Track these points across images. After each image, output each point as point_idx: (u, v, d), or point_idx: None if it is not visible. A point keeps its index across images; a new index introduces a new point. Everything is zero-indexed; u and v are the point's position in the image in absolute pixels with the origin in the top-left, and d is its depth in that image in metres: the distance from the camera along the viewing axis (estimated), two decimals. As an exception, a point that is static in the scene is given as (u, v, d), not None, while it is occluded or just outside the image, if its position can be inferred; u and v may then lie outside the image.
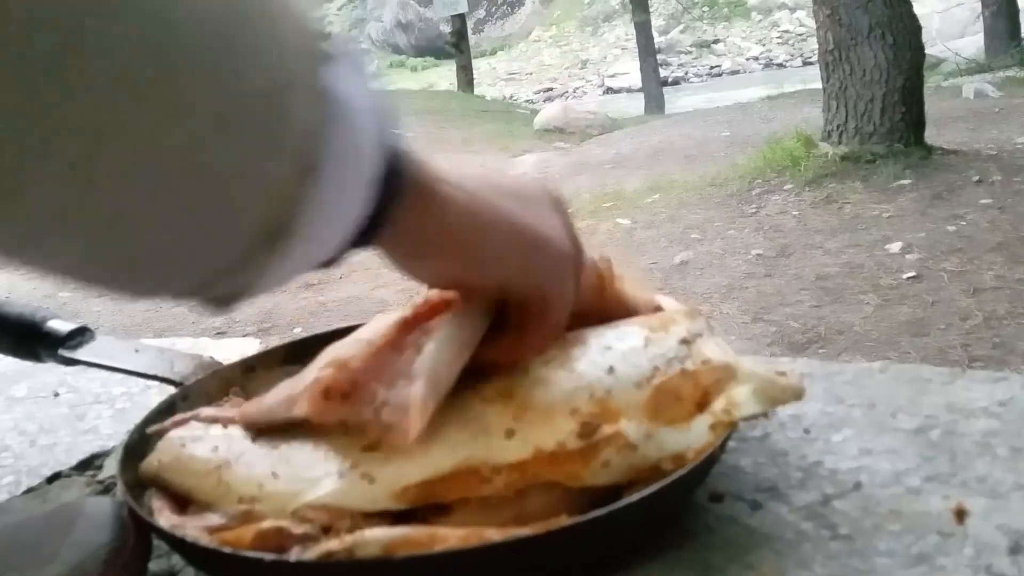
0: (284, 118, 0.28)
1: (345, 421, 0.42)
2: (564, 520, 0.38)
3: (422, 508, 0.40)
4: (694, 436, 0.41)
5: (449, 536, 0.36)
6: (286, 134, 0.28)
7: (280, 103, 0.28)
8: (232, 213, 0.28)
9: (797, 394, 0.44)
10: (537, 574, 0.40)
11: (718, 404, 0.43)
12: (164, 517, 0.44)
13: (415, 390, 0.39)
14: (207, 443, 0.47)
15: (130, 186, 0.25)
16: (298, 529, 0.39)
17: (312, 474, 0.41)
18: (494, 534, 0.37)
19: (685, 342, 0.45)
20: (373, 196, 0.33)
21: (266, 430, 0.46)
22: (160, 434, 0.51)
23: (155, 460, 0.48)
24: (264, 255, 0.30)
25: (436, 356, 0.41)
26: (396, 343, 0.44)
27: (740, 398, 0.43)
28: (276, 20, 0.28)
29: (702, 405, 0.43)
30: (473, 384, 0.44)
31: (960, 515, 0.44)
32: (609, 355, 0.43)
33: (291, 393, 0.45)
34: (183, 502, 0.45)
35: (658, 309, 0.51)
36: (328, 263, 0.35)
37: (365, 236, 0.34)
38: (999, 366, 1.90)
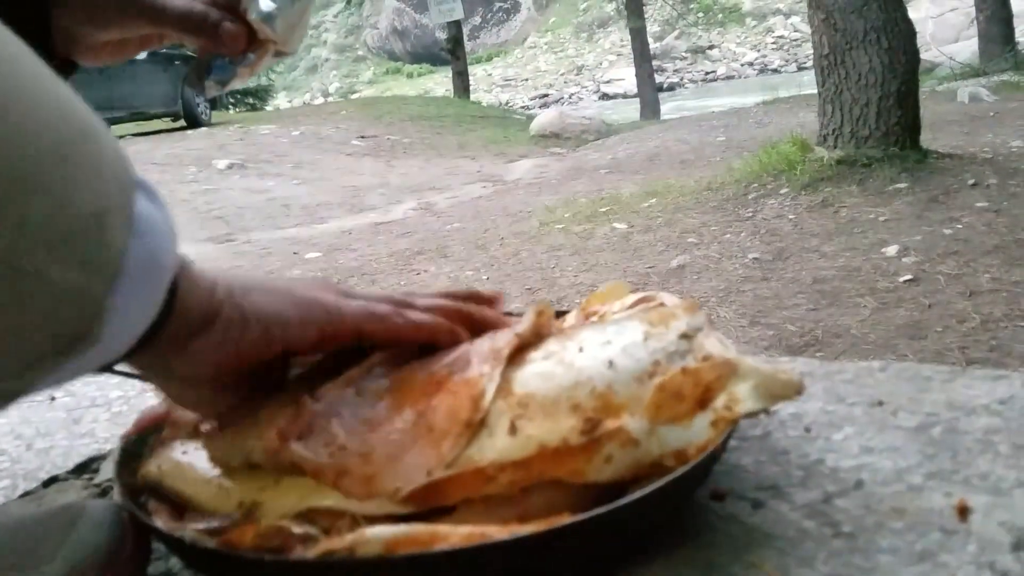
0: (102, 237, 0.32)
1: (300, 463, 0.41)
2: (567, 518, 0.37)
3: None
4: (696, 432, 0.41)
5: (451, 534, 0.36)
6: (103, 252, 0.32)
7: (100, 224, 0.32)
8: (39, 319, 0.31)
9: (797, 389, 0.44)
10: (539, 572, 0.39)
11: (720, 401, 0.42)
12: (162, 520, 0.44)
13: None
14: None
15: None
16: (299, 529, 0.39)
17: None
18: (496, 532, 0.36)
19: (685, 336, 0.44)
20: (164, 300, 0.37)
21: None
22: (134, 436, 0.51)
23: (155, 466, 0.48)
24: (60, 359, 0.33)
25: None
26: (359, 382, 0.44)
27: (742, 394, 0.43)
28: (99, 154, 0.32)
29: (704, 402, 0.42)
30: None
31: (963, 512, 0.44)
32: (609, 349, 0.43)
33: (247, 427, 0.45)
34: (181, 508, 0.45)
35: None
36: (107, 367, 0.38)
37: (149, 338, 0.38)
38: (997, 368, 1.90)
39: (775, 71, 22.28)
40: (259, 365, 0.44)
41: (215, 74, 0.58)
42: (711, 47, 25.96)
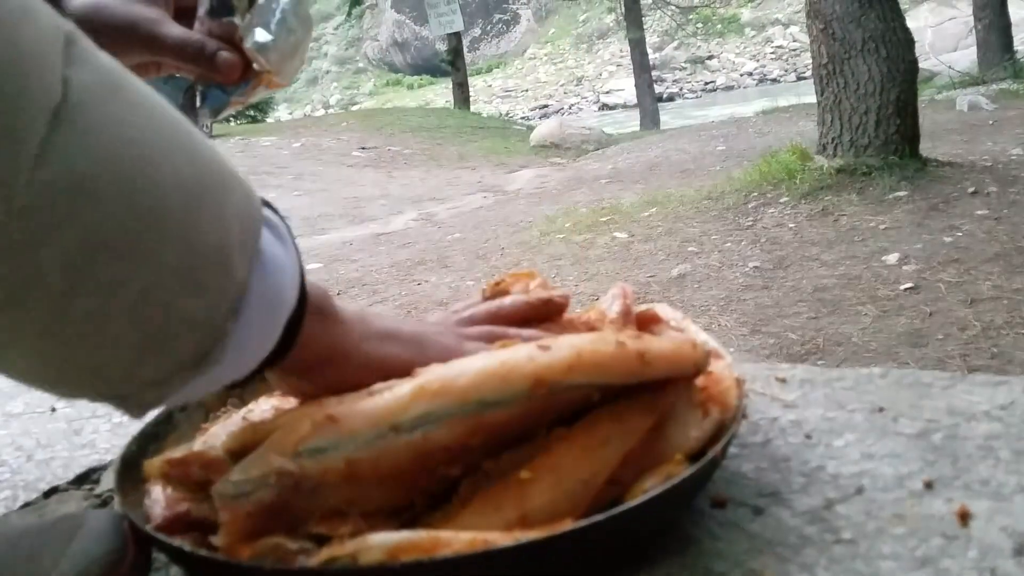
0: (226, 273, 0.36)
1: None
2: (568, 524, 0.37)
3: (424, 509, 0.40)
4: None
5: (453, 541, 0.36)
6: (225, 285, 0.36)
7: (225, 261, 0.36)
8: (172, 342, 0.35)
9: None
10: (540, 579, 0.40)
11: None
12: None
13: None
14: None
15: (98, 319, 0.32)
16: (294, 544, 0.39)
17: None
18: (499, 538, 0.36)
19: None
20: (285, 331, 0.40)
21: None
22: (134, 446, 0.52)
23: None
24: (188, 376, 0.37)
25: None
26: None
27: None
28: (225, 197, 0.36)
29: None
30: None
31: (964, 518, 0.44)
32: None
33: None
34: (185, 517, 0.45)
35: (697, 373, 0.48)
36: (239, 383, 0.41)
37: (275, 357, 0.41)
38: (998, 375, 1.90)
39: (774, 81, 22.36)
40: None
41: (209, 102, 0.59)
42: (710, 57, 26.05)
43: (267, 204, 0.41)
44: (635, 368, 0.43)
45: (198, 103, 0.59)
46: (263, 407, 0.53)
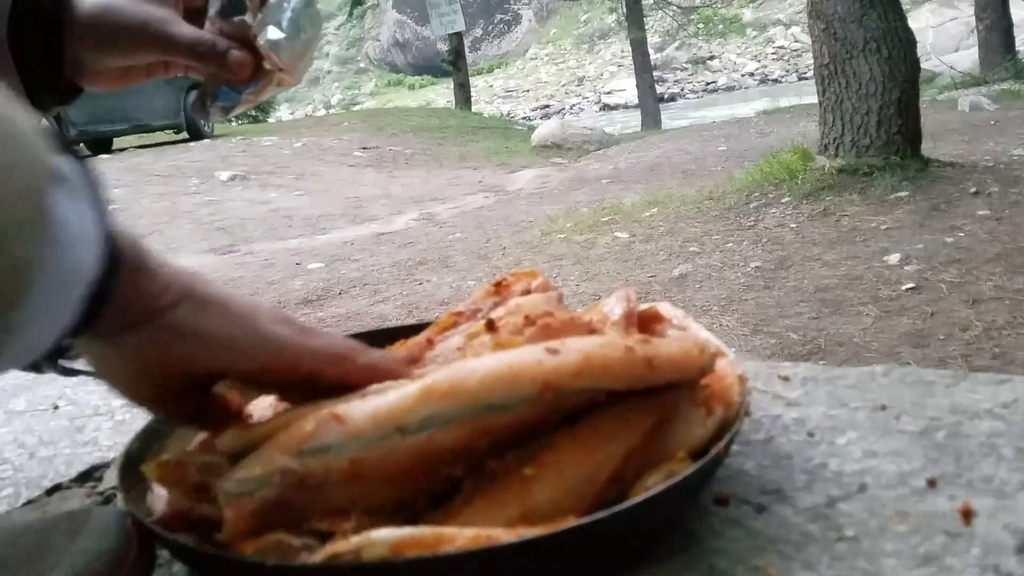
0: (6, 254, 0.30)
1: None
2: (571, 521, 0.37)
3: (426, 505, 0.40)
4: None
5: (457, 537, 0.36)
6: (6, 269, 0.30)
7: (3, 239, 0.29)
8: None
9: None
10: (543, 575, 0.40)
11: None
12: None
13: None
14: None
15: None
16: (298, 541, 0.39)
17: None
18: (502, 535, 0.36)
19: None
20: (88, 301, 0.35)
21: None
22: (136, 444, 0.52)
23: None
24: None
25: None
26: None
27: None
28: (4, 145, 0.30)
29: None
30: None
31: (967, 515, 0.44)
32: None
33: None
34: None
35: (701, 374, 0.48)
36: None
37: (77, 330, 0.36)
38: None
39: (776, 81, 22.36)
40: (198, 379, 0.43)
41: (220, 100, 0.59)
42: (712, 58, 26.06)
43: (66, 153, 0.35)
44: (643, 373, 0.42)
45: (208, 102, 0.59)
46: (262, 406, 0.53)
